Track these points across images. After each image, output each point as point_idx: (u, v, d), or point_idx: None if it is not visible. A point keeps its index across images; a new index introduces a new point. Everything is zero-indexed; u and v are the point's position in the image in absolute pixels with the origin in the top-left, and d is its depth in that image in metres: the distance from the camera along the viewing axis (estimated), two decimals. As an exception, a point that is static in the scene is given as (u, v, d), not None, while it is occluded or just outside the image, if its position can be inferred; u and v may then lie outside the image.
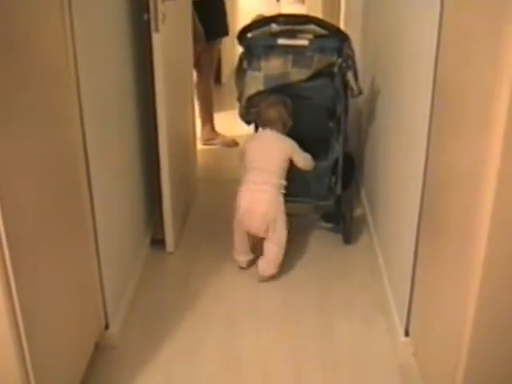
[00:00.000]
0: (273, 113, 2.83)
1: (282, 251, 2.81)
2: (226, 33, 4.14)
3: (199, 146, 4.14)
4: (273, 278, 2.83)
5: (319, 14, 6.02)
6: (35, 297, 1.70)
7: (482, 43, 1.55)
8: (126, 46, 2.61)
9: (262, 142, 2.88)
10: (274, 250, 2.79)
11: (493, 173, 1.48)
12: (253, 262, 2.90)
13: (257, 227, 2.78)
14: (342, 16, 5.02)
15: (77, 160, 2.01)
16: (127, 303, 2.57)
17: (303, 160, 2.83)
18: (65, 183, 1.93)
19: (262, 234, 2.80)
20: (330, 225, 3.20)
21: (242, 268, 2.90)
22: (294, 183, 2.91)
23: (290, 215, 2.87)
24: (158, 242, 3.02)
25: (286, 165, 2.79)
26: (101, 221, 2.18)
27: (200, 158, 3.97)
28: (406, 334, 2.28)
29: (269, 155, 2.79)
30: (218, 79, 4.89)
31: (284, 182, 2.79)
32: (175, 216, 3.00)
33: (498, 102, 1.42)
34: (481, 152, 1.53)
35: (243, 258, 2.90)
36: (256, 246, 2.89)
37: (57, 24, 1.83)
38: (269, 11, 2.99)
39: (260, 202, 2.74)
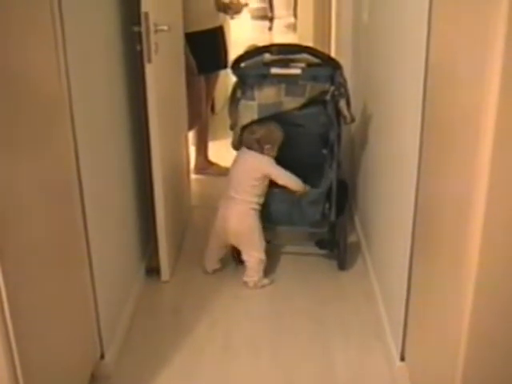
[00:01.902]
0: (250, 137, 2.92)
1: (262, 259, 2.94)
2: (221, 66, 4.16)
3: (193, 175, 4.16)
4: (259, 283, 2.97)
5: (310, 42, 6.08)
6: (30, 327, 1.69)
7: (467, 69, 1.58)
8: (119, 76, 2.63)
9: (238, 159, 3.00)
10: (252, 263, 2.94)
11: (481, 198, 1.50)
12: (218, 270, 3.09)
13: (232, 241, 2.97)
14: (332, 44, 5.07)
15: (71, 189, 2.02)
16: (122, 333, 2.56)
17: (284, 177, 2.90)
18: (59, 212, 1.94)
19: (238, 246, 2.98)
20: (324, 251, 3.20)
21: (205, 272, 3.07)
22: (289, 211, 2.93)
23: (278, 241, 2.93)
24: (152, 270, 3.01)
25: (260, 183, 2.89)
26: (95, 250, 2.19)
27: (194, 187, 3.99)
28: (402, 358, 2.28)
29: (242, 173, 2.93)
30: (211, 109, 4.92)
31: (257, 200, 2.91)
32: (170, 245, 3.00)
33: (485, 128, 1.45)
34: (469, 176, 1.54)
35: (211, 265, 3.08)
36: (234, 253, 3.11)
37: (51, 56, 1.85)
38: (261, 39, 3.03)
39: (230, 218, 2.91)
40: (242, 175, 2.92)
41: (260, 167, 2.89)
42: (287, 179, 2.90)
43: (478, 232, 1.53)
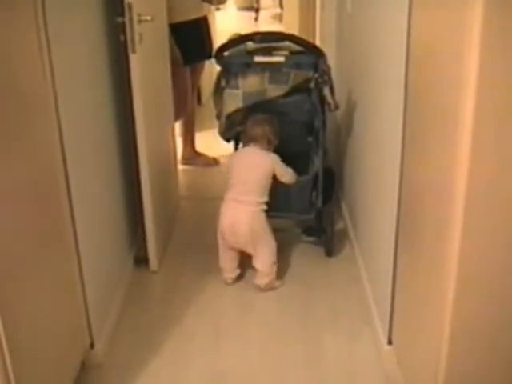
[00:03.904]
0: (258, 130, 2.85)
1: (275, 262, 2.85)
2: (206, 56, 4.16)
3: (180, 165, 4.17)
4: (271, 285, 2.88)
5: (296, 32, 6.09)
6: (19, 318, 1.70)
7: (446, 56, 1.60)
8: (104, 67, 2.64)
9: (244, 158, 2.89)
10: (263, 266, 2.83)
11: (461, 182, 1.52)
12: (239, 278, 2.94)
13: (241, 245, 2.83)
14: (317, 33, 5.09)
15: (57, 180, 2.03)
16: (112, 322, 2.57)
17: (286, 174, 2.86)
18: (46, 204, 1.95)
19: (248, 250, 2.84)
20: (312, 238, 3.22)
21: (227, 283, 2.92)
22: (276, 198, 2.93)
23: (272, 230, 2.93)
24: (141, 260, 3.02)
25: (268, 181, 2.81)
26: (83, 240, 2.20)
27: (182, 177, 4.00)
28: (389, 342, 2.31)
29: (250, 172, 2.81)
30: (197, 99, 4.93)
31: (266, 199, 2.81)
32: (158, 235, 3.01)
33: (463, 115, 1.47)
34: (450, 161, 1.57)
35: (230, 274, 2.92)
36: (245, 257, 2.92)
37: (34, 47, 1.86)
38: (247, 30, 3.04)
39: (241, 221, 2.77)
40: (250, 175, 2.80)
41: (269, 165, 2.81)
42: (289, 177, 2.87)
43: (459, 217, 1.55)
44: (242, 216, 2.77)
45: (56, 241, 2.04)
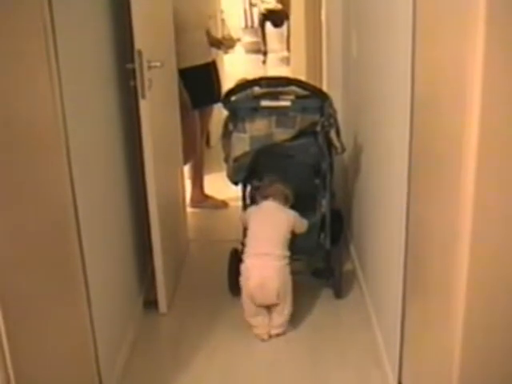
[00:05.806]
0: (277, 186, 2.93)
1: (290, 311, 2.85)
2: (215, 100, 4.20)
3: (189, 208, 4.20)
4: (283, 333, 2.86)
5: (303, 75, 6.17)
6: (29, 361, 1.71)
7: (450, 98, 1.64)
8: (115, 112, 2.69)
9: (265, 214, 2.92)
10: (282, 318, 2.84)
11: (466, 230, 1.53)
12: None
13: (269, 301, 2.80)
14: (324, 77, 5.15)
15: (68, 224, 2.05)
16: (121, 366, 2.57)
17: (303, 227, 2.91)
18: (56, 247, 1.96)
19: (272, 305, 2.82)
20: (320, 280, 3.21)
21: (263, 340, 2.83)
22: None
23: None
24: (150, 303, 3.03)
25: (289, 235, 2.85)
26: (93, 284, 2.21)
27: (191, 220, 4.02)
28: (399, 383, 2.30)
29: (274, 228, 2.85)
30: (206, 142, 4.98)
31: (289, 253, 2.82)
32: (167, 277, 3.02)
33: (467, 155, 1.49)
34: (455, 205, 1.58)
35: (265, 330, 2.84)
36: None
37: (47, 94, 1.90)
38: (255, 73, 3.09)
39: (270, 277, 2.75)
40: (274, 230, 2.83)
41: (292, 222, 2.86)
42: (304, 229, 2.92)
43: (464, 263, 1.56)
44: (270, 272, 2.76)
45: (66, 282, 2.05)
